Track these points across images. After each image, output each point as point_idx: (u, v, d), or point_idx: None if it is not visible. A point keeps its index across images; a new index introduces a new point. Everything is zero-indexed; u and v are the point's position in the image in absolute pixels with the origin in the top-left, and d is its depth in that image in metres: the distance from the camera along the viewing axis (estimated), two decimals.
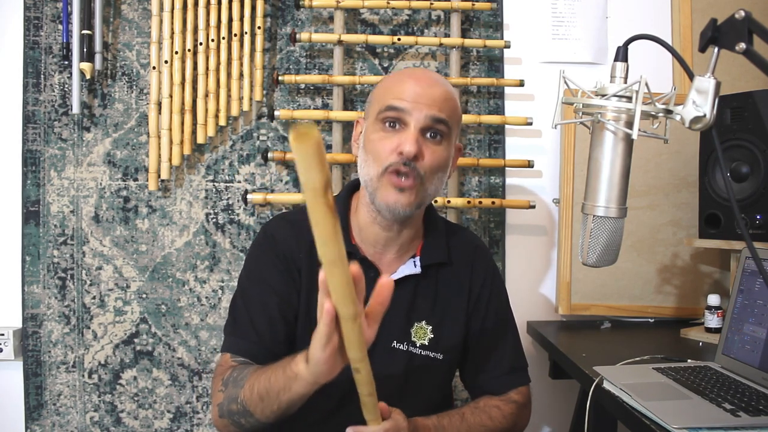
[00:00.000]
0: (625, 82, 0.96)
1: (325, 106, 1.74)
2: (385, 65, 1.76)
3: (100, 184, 1.71)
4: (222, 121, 1.67)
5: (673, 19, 1.81)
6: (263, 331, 1.10)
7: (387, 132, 1.07)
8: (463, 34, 1.75)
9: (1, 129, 1.70)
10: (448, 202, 1.68)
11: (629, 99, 0.94)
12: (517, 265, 1.79)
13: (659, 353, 1.32)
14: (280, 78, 1.66)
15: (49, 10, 1.68)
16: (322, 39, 1.68)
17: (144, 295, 1.72)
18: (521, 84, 1.71)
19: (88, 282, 1.71)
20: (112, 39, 1.71)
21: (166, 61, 1.63)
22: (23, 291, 1.70)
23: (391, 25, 1.76)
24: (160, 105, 1.65)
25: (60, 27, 1.67)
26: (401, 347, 1.13)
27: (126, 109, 1.71)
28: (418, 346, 1.14)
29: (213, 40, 1.65)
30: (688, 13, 1.78)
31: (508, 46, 1.71)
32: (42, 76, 1.69)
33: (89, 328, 1.72)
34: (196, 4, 1.64)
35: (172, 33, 1.63)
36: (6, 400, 1.71)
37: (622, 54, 0.97)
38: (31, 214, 1.70)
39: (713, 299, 1.49)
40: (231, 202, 1.73)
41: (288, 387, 0.87)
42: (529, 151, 1.78)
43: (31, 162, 1.69)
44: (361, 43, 1.70)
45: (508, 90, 1.78)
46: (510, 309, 1.26)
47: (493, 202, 1.70)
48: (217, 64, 1.66)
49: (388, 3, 1.68)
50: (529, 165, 1.71)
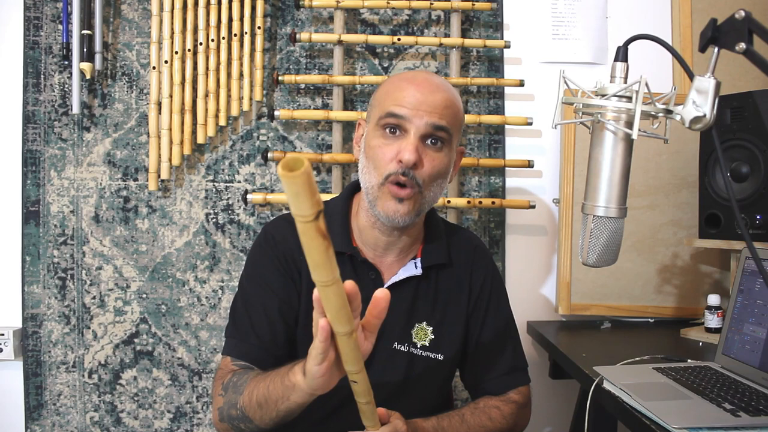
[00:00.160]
0: (625, 82, 0.95)
1: (325, 106, 1.74)
2: (385, 65, 1.76)
3: (100, 184, 1.71)
4: (222, 121, 1.67)
5: (673, 19, 1.81)
6: (263, 334, 1.10)
7: (387, 138, 1.07)
8: (463, 34, 1.75)
9: (1, 129, 1.70)
10: (448, 202, 1.68)
11: (629, 99, 0.94)
12: (517, 265, 1.79)
13: (659, 353, 1.32)
14: (280, 78, 1.66)
15: (49, 10, 1.68)
16: (322, 39, 1.68)
17: (144, 295, 1.72)
18: (521, 84, 1.71)
19: (88, 282, 1.71)
20: (112, 39, 1.71)
21: (166, 61, 1.63)
22: (23, 291, 1.70)
23: (391, 25, 1.76)
24: (160, 105, 1.65)
25: (60, 27, 1.67)
26: (402, 348, 1.13)
27: (126, 109, 1.71)
28: (418, 347, 1.14)
29: (213, 40, 1.65)
30: (688, 13, 1.79)
31: (508, 46, 1.71)
32: (42, 76, 1.69)
33: (89, 328, 1.72)
34: (196, 4, 1.64)
35: (172, 33, 1.63)
36: (6, 400, 1.71)
37: (622, 54, 0.96)
38: (31, 214, 1.70)
39: (713, 299, 1.49)
40: (231, 202, 1.73)
41: (286, 396, 0.88)
42: (529, 151, 1.78)
43: (31, 162, 1.69)
44: (361, 43, 1.70)
45: (508, 90, 1.78)
46: (510, 309, 1.26)
47: (493, 202, 1.70)
48: (217, 64, 1.66)
49: (388, 3, 1.68)
50: (529, 165, 1.71)
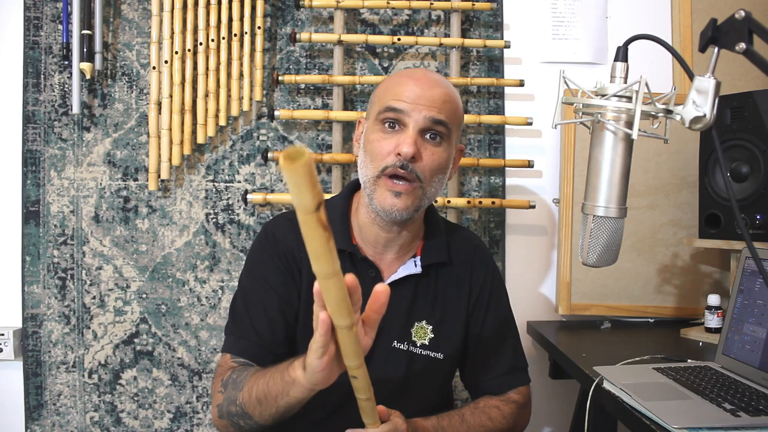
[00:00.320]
0: (625, 82, 0.96)
1: (325, 106, 1.74)
2: (385, 65, 1.76)
3: (100, 184, 1.71)
4: (222, 121, 1.67)
5: (673, 19, 1.81)
6: (263, 332, 1.10)
7: (386, 133, 1.07)
8: (463, 34, 1.75)
9: (1, 129, 1.70)
10: (448, 202, 1.68)
11: (629, 99, 0.94)
12: (517, 265, 1.79)
13: (659, 353, 1.32)
14: (280, 78, 1.66)
15: (49, 10, 1.68)
16: (322, 39, 1.68)
17: (144, 295, 1.72)
18: (521, 84, 1.71)
19: (88, 282, 1.71)
20: (112, 39, 1.71)
21: (166, 61, 1.63)
22: (23, 291, 1.70)
23: (391, 25, 1.76)
24: (160, 105, 1.65)
25: (60, 27, 1.67)
26: (402, 347, 1.13)
27: (126, 109, 1.71)
28: (418, 345, 1.14)
29: (213, 40, 1.65)
30: (688, 13, 1.79)
31: (508, 46, 1.71)
32: (42, 76, 1.69)
33: (89, 328, 1.72)
34: (196, 4, 1.64)
35: (172, 33, 1.63)
36: (6, 400, 1.71)
37: (622, 54, 0.96)
38: (31, 214, 1.70)
39: (713, 299, 1.49)
40: (231, 202, 1.73)
41: (285, 392, 0.87)
42: (529, 151, 1.78)
43: (31, 162, 1.69)
44: (361, 43, 1.70)
45: (508, 90, 1.78)
46: (510, 309, 1.26)
47: (493, 202, 1.70)
48: (217, 64, 1.66)
49: (388, 3, 1.68)
50: (529, 165, 1.71)
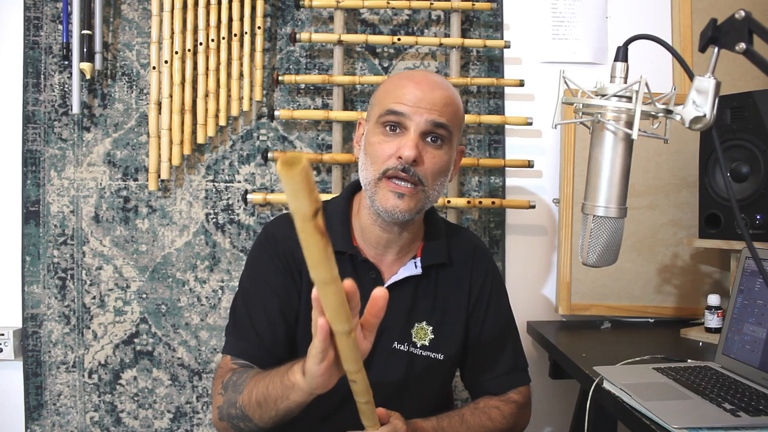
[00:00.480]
0: (625, 82, 0.96)
1: (325, 106, 1.74)
2: (385, 65, 1.76)
3: (100, 184, 1.71)
4: (222, 121, 1.67)
5: (673, 19, 1.81)
6: (264, 333, 1.10)
7: (387, 136, 1.07)
8: (463, 34, 1.75)
9: (1, 129, 1.70)
10: (448, 202, 1.68)
11: (629, 99, 0.94)
12: (517, 265, 1.79)
13: (659, 353, 1.32)
14: (280, 78, 1.66)
15: (49, 10, 1.68)
16: (322, 39, 1.68)
17: (144, 295, 1.72)
18: (521, 84, 1.71)
19: (88, 282, 1.71)
20: (112, 39, 1.71)
21: (166, 61, 1.63)
22: (23, 291, 1.70)
23: (391, 25, 1.76)
24: (160, 105, 1.65)
25: (60, 27, 1.67)
26: (402, 348, 1.13)
27: (126, 109, 1.71)
28: (418, 346, 1.14)
29: (213, 40, 1.65)
30: (688, 13, 1.78)
31: (508, 46, 1.71)
32: (42, 76, 1.69)
33: (89, 328, 1.72)
34: (196, 4, 1.64)
35: (172, 33, 1.63)
36: (6, 400, 1.71)
37: (622, 54, 0.96)
38: (31, 214, 1.70)
39: (713, 299, 1.49)
40: (231, 202, 1.73)
41: (285, 396, 0.88)
42: (529, 151, 1.78)
43: (31, 162, 1.69)
44: (361, 43, 1.70)
45: (508, 90, 1.78)
46: (510, 309, 1.26)
47: (493, 202, 1.70)
48: (217, 64, 1.66)
49: (388, 3, 1.68)
50: (529, 165, 1.71)
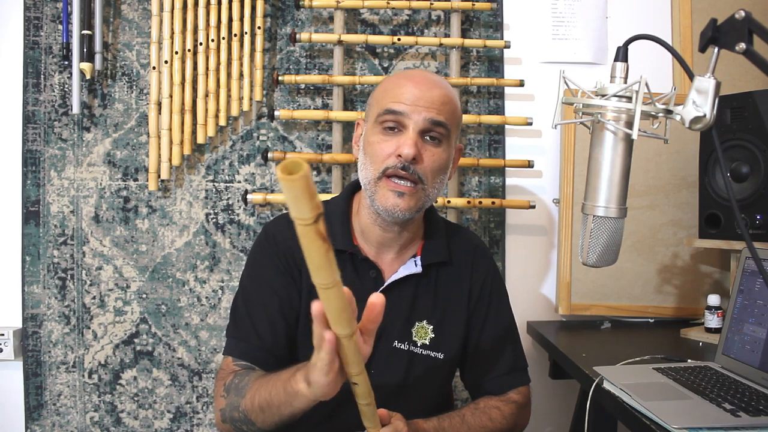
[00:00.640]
0: (625, 82, 0.96)
1: (325, 106, 1.74)
2: (385, 65, 1.76)
3: (100, 184, 1.71)
4: (222, 121, 1.67)
5: (673, 19, 1.81)
6: (264, 334, 1.10)
7: (386, 135, 1.07)
8: (463, 34, 1.75)
9: (1, 129, 1.70)
10: (448, 202, 1.68)
11: (629, 99, 0.94)
12: (517, 265, 1.79)
13: (659, 353, 1.32)
14: (280, 78, 1.66)
15: (49, 10, 1.68)
16: (322, 39, 1.68)
17: (144, 295, 1.72)
18: (521, 84, 1.71)
19: (88, 282, 1.71)
20: (112, 39, 1.70)
21: (166, 61, 1.63)
22: (23, 291, 1.70)
23: (391, 25, 1.76)
24: (160, 105, 1.65)
25: (60, 27, 1.67)
26: (402, 347, 1.13)
27: (126, 109, 1.71)
28: (419, 345, 1.14)
29: (213, 40, 1.65)
30: (688, 13, 1.78)
31: (508, 46, 1.71)
32: (42, 76, 1.69)
33: (89, 328, 1.71)
34: (196, 4, 1.64)
35: (172, 33, 1.63)
36: (6, 400, 1.71)
37: (622, 54, 0.96)
38: (31, 214, 1.70)
39: (713, 299, 1.49)
40: (231, 202, 1.73)
41: (289, 402, 0.89)
42: (529, 151, 1.78)
43: (31, 162, 1.69)
44: (361, 43, 1.70)
45: (508, 90, 1.78)
46: (510, 309, 1.26)
47: (493, 202, 1.70)
48: (217, 64, 1.66)
49: (388, 3, 1.68)
50: (529, 165, 1.71)
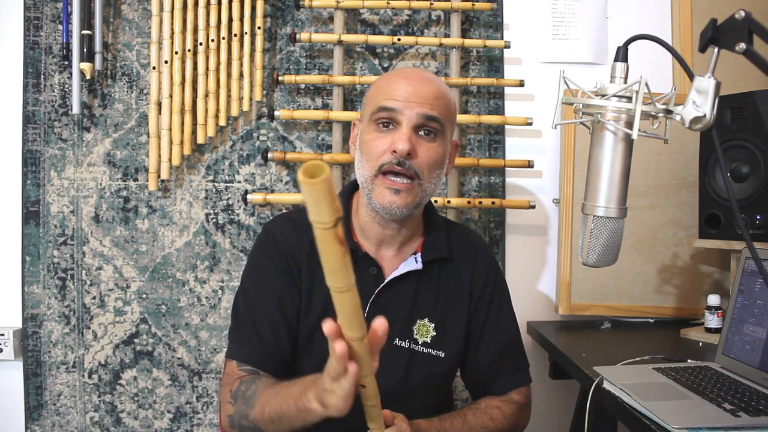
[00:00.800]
0: (625, 82, 0.96)
1: (325, 106, 1.74)
2: (385, 65, 1.76)
3: (100, 184, 1.71)
4: (222, 121, 1.67)
5: (673, 19, 1.81)
6: (266, 337, 1.10)
7: (380, 132, 1.08)
8: (463, 35, 1.75)
9: (1, 129, 1.70)
10: (448, 202, 1.68)
11: (629, 99, 0.94)
12: (517, 266, 1.79)
13: (659, 353, 1.32)
14: (280, 78, 1.66)
15: (49, 10, 1.68)
16: (322, 39, 1.68)
17: (144, 295, 1.72)
18: (521, 84, 1.71)
19: (88, 282, 1.71)
20: (112, 39, 1.70)
21: (166, 62, 1.63)
22: (23, 291, 1.70)
23: (391, 25, 1.76)
24: (160, 105, 1.65)
25: (60, 27, 1.67)
26: (403, 345, 1.13)
27: (126, 109, 1.71)
28: (420, 343, 1.14)
29: (213, 41, 1.65)
30: (688, 13, 1.78)
31: (508, 46, 1.71)
32: (42, 76, 1.69)
33: (89, 328, 1.71)
34: (196, 4, 1.64)
35: (172, 33, 1.63)
36: (6, 400, 1.71)
37: (622, 54, 0.97)
38: (31, 214, 1.70)
39: (713, 299, 1.49)
40: (231, 202, 1.73)
41: (300, 417, 0.90)
42: (529, 151, 1.78)
43: (31, 162, 1.69)
44: (361, 43, 1.70)
45: (508, 90, 1.78)
46: (512, 309, 1.25)
47: (493, 202, 1.70)
48: (217, 64, 1.66)
49: (388, 3, 1.68)
50: (529, 165, 1.71)
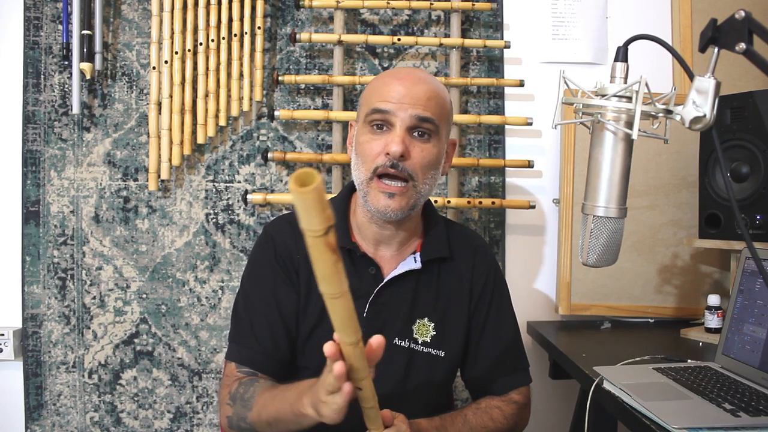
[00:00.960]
0: (625, 82, 0.95)
1: (325, 106, 1.74)
2: (385, 65, 1.76)
3: (100, 184, 1.71)
4: (222, 121, 1.67)
5: (673, 19, 1.81)
6: (265, 339, 1.11)
7: (375, 134, 1.08)
8: (463, 35, 1.75)
9: (1, 129, 1.70)
10: (448, 202, 1.68)
11: (629, 99, 0.94)
12: (517, 265, 1.79)
13: (659, 353, 1.32)
14: (280, 78, 1.66)
15: (49, 10, 1.68)
16: (322, 39, 1.67)
17: (144, 296, 1.72)
18: (521, 84, 1.71)
19: (88, 282, 1.71)
20: (112, 39, 1.70)
21: (166, 62, 1.63)
22: (23, 291, 1.70)
23: (391, 25, 1.76)
24: (160, 105, 1.65)
25: (60, 27, 1.67)
26: (403, 344, 1.13)
27: (126, 109, 1.71)
28: (420, 343, 1.14)
29: (213, 41, 1.65)
30: (688, 13, 1.78)
31: (508, 46, 1.71)
32: (42, 76, 1.69)
33: (89, 328, 1.71)
34: (196, 4, 1.64)
35: (172, 33, 1.63)
36: (6, 400, 1.71)
37: (622, 54, 0.96)
38: (31, 214, 1.70)
39: (713, 299, 1.49)
40: (231, 202, 1.73)
41: (297, 422, 0.92)
42: (529, 151, 1.78)
43: (31, 162, 1.69)
44: (361, 43, 1.70)
45: (508, 90, 1.78)
46: (512, 308, 1.25)
47: (493, 202, 1.70)
48: (217, 64, 1.66)
49: (388, 3, 1.68)
50: (529, 165, 1.71)
